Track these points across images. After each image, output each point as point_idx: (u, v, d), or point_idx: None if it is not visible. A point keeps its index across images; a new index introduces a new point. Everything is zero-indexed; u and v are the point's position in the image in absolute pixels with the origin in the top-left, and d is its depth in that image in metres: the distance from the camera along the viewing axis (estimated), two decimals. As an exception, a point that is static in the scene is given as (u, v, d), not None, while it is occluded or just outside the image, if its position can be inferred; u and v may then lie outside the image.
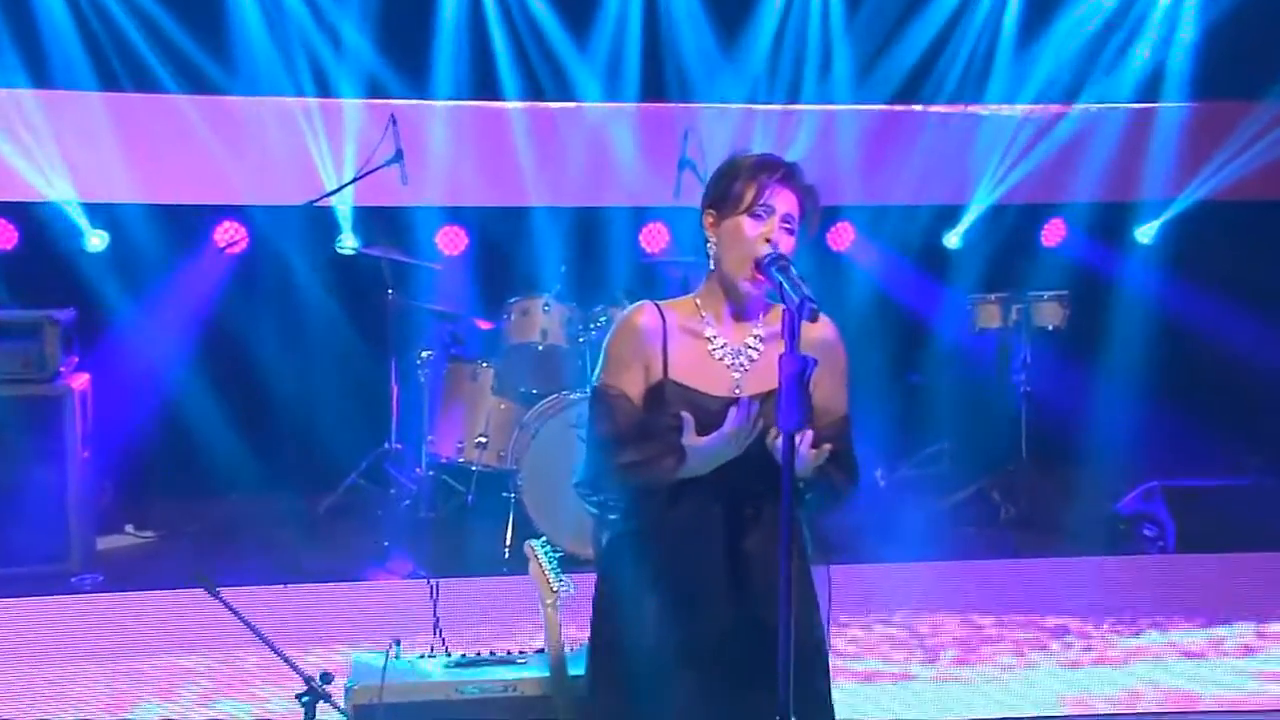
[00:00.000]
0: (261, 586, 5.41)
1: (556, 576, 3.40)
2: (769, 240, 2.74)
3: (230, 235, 7.15)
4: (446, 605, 4.20)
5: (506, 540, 5.96)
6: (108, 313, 6.83)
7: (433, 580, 4.18)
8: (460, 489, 6.49)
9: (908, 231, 7.71)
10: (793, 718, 2.51)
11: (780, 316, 2.66)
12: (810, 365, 2.52)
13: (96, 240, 7.01)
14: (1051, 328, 6.99)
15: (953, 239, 7.88)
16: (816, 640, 2.85)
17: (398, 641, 3.66)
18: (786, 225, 2.76)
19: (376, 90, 7.08)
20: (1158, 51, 7.65)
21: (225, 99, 7.00)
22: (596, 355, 2.91)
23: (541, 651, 3.56)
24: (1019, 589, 5.81)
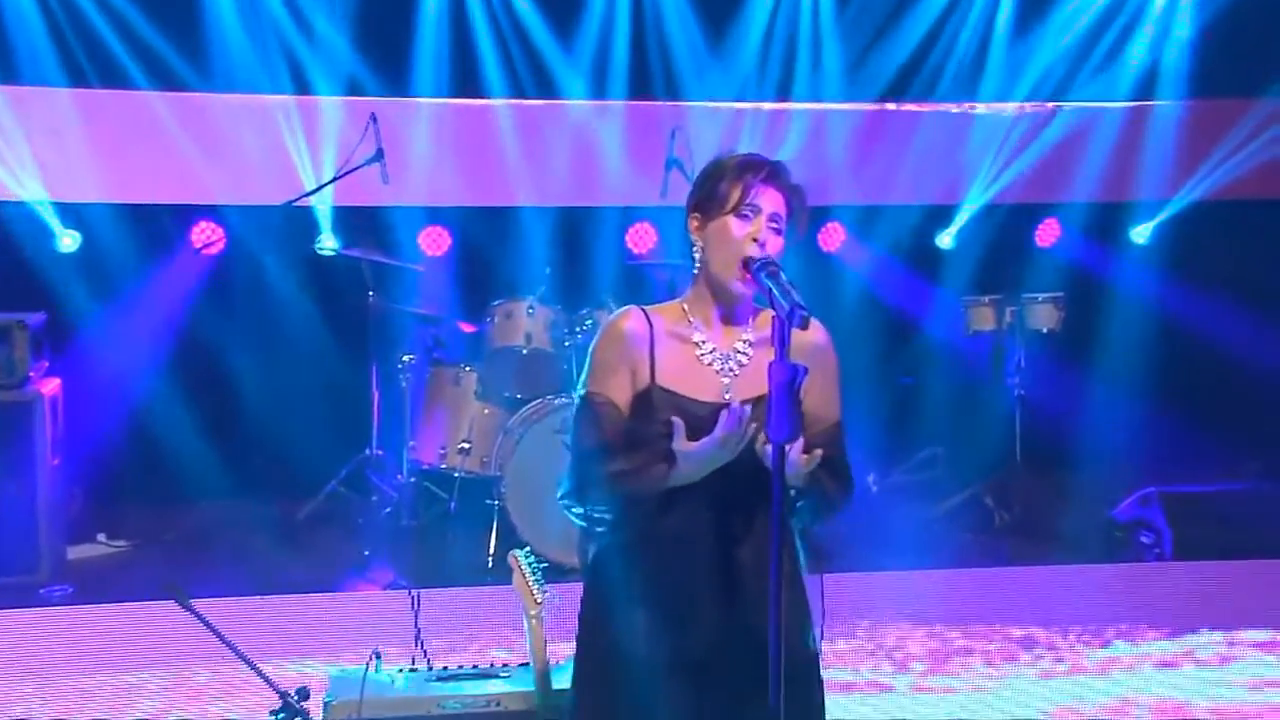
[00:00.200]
0: (238, 597, 5.36)
1: (540, 588, 3.38)
2: (757, 240, 2.72)
3: (206, 236, 7.10)
4: (428, 616, 4.18)
5: (490, 549, 5.94)
6: (79, 316, 6.77)
7: (414, 590, 4.16)
8: (443, 496, 6.46)
9: (899, 232, 7.69)
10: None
11: (770, 321, 2.64)
12: (801, 374, 2.49)
13: (68, 241, 6.96)
14: (1046, 330, 6.99)
15: (945, 239, 7.87)
16: (810, 653, 2.83)
17: (377, 654, 3.63)
18: (774, 225, 2.75)
19: (356, 87, 7.05)
20: (1154, 48, 7.66)
21: (202, 95, 6.95)
22: (582, 359, 2.89)
23: (526, 665, 3.53)
24: (1014, 597, 5.80)
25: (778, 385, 2.47)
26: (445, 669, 3.67)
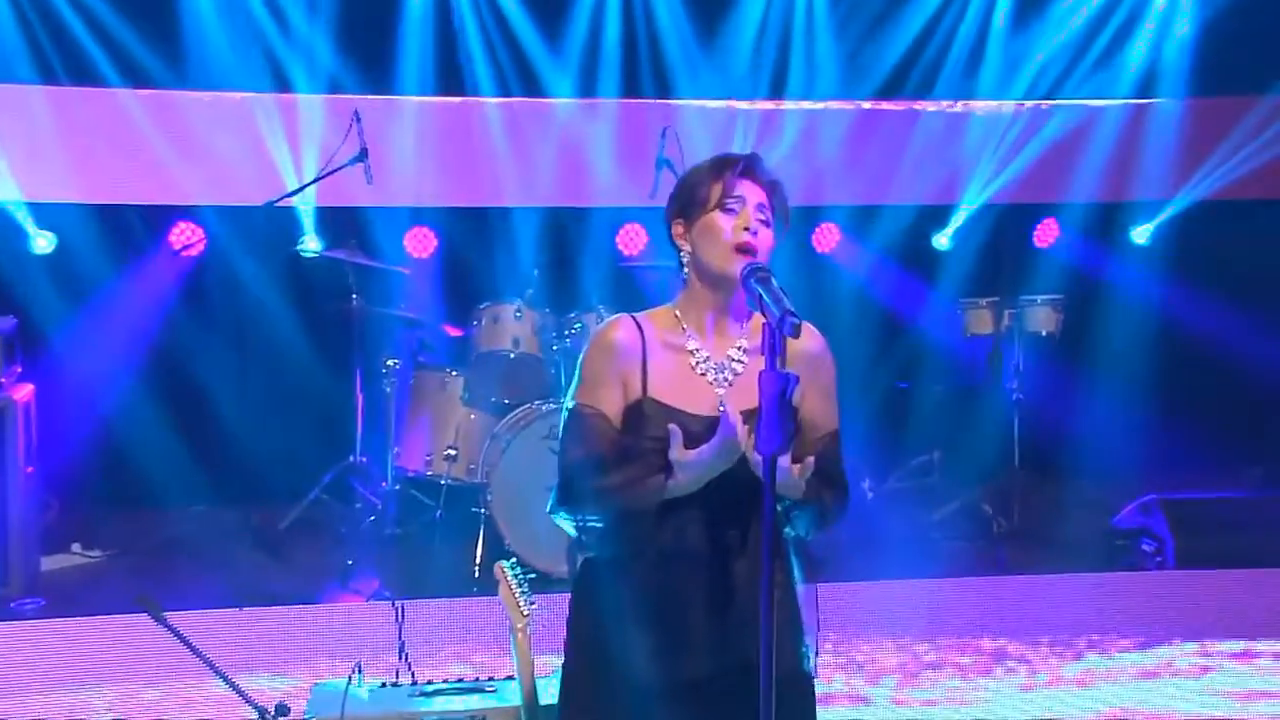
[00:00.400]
0: (216, 609, 5.31)
1: (527, 600, 3.36)
2: (748, 229, 2.70)
3: (186, 237, 7.07)
4: (412, 628, 4.16)
5: (477, 558, 5.90)
6: (54, 320, 6.71)
7: (398, 601, 4.13)
8: (428, 504, 6.43)
9: (895, 232, 7.68)
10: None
11: (763, 326, 2.60)
12: (792, 383, 2.47)
13: (43, 243, 6.92)
14: (1045, 333, 6.98)
15: (942, 240, 7.86)
16: (803, 672, 2.79)
17: (359, 668, 3.60)
18: (761, 216, 2.74)
19: (339, 85, 7.01)
20: (1154, 45, 7.64)
21: (180, 93, 6.91)
22: (571, 364, 2.86)
23: (512, 679, 3.50)
24: (1012, 607, 5.77)
25: (768, 396, 2.44)
26: (430, 683, 3.66)
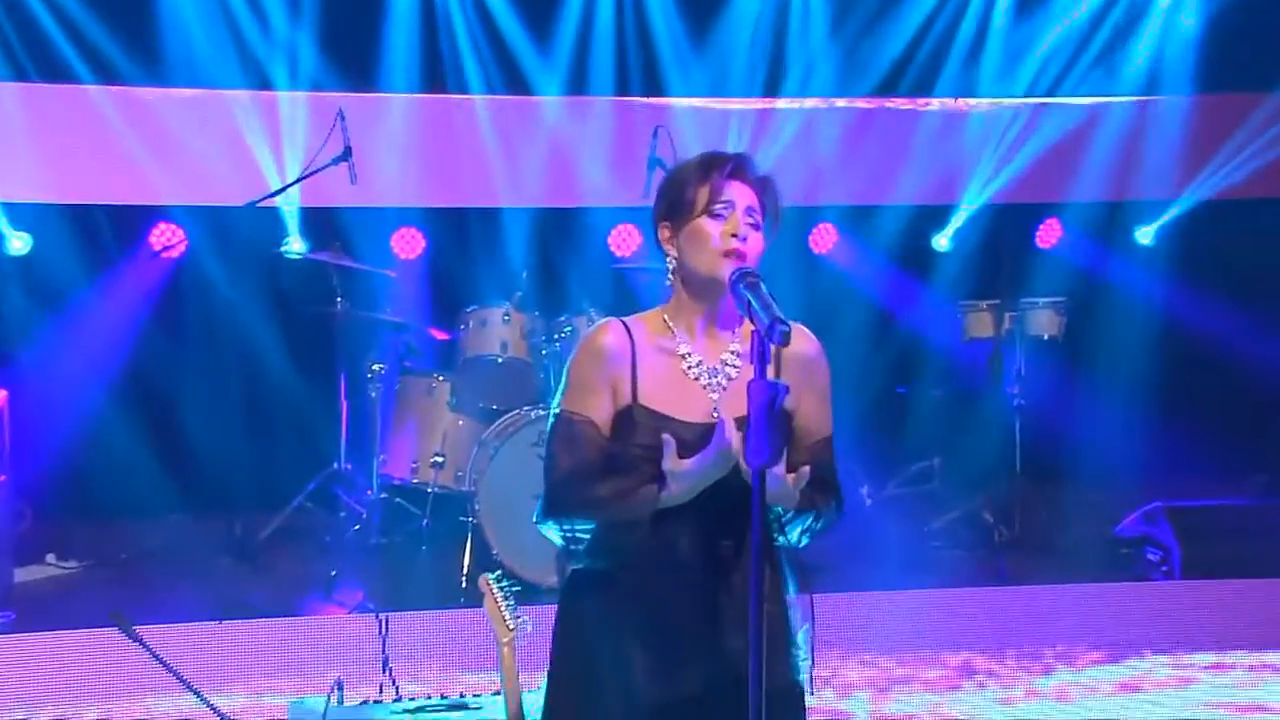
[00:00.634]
0: (195, 623, 5.26)
1: (513, 614, 3.33)
2: (736, 235, 2.66)
3: (166, 238, 7.04)
4: (397, 642, 4.12)
5: (464, 568, 5.87)
6: (28, 324, 6.69)
7: (382, 614, 4.10)
8: (415, 512, 6.41)
9: (893, 233, 7.66)
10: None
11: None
12: (781, 392, 2.44)
13: (18, 244, 6.89)
14: (1047, 336, 6.96)
15: (942, 241, 7.85)
16: (794, 685, 2.75)
17: (340, 684, 3.56)
18: (750, 219, 2.69)
19: (321, 82, 6.97)
20: (1158, 41, 7.63)
21: (157, 90, 6.88)
22: (560, 368, 2.81)
23: (498, 694, 3.46)
24: (1015, 618, 5.74)
25: (757, 406, 2.41)
26: (414, 699, 3.65)
